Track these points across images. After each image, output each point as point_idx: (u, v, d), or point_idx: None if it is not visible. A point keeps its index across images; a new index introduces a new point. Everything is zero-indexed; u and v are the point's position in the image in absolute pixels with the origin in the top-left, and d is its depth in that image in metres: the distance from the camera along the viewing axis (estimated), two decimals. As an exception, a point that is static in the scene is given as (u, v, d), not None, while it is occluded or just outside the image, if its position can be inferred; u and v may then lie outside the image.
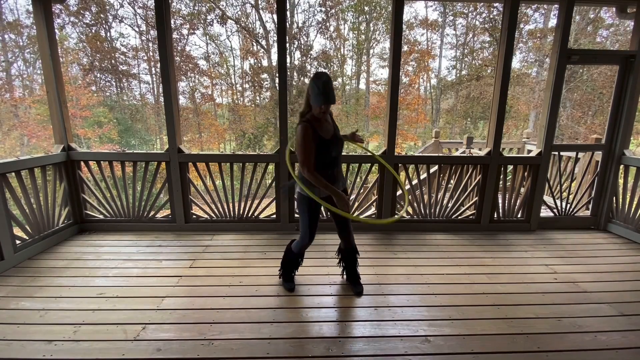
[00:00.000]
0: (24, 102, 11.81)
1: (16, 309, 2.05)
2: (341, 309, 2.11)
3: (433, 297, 2.26)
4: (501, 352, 1.74)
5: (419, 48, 14.95)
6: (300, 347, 1.76)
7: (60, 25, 12.16)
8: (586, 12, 12.19)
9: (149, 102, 14.40)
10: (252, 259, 2.81)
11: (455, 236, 3.38)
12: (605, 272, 2.67)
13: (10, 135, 11.39)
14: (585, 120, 13.00)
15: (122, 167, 3.39)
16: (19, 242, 2.70)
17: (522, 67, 14.21)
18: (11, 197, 2.62)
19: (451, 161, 3.58)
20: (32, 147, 11.60)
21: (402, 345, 1.78)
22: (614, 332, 1.92)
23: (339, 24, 14.48)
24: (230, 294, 2.25)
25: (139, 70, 13.82)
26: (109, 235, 3.27)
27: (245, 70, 14.47)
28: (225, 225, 3.45)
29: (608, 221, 3.60)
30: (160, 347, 1.73)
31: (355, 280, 2.33)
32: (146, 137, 13.95)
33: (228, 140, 14.92)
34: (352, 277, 2.34)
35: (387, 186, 3.37)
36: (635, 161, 3.32)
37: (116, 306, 2.09)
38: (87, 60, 12.96)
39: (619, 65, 3.32)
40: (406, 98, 14.37)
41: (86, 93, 12.26)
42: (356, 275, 2.34)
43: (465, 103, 14.73)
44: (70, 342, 1.76)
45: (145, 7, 12.92)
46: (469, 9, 14.26)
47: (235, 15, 13.73)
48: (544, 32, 13.34)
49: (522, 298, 2.26)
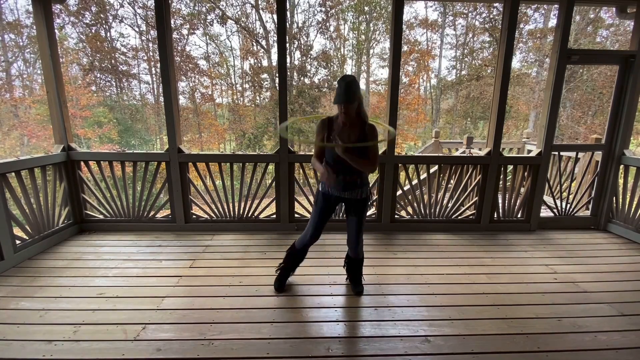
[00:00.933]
0: (24, 102, 11.80)
1: (16, 309, 2.05)
2: (341, 309, 2.11)
3: (433, 297, 2.26)
4: (501, 352, 1.74)
5: (419, 48, 14.95)
6: (300, 347, 1.76)
7: (60, 25, 12.15)
8: (586, 12, 12.19)
9: (149, 102, 14.39)
10: (252, 259, 2.81)
11: (455, 236, 3.38)
12: (605, 272, 2.67)
13: (10, 135, 11.38)
14: (585, 120, 13.00)
15: (122, 167, 3.39)
16: (19, 242, 2.70)
17: (522, 67, 14.21)
18: (11, 197, 2.62)
19: (451, 161, 3.58)
20: (32, 147, 11.60)
21: (402, 345, 1.78)
22: (614, 332, 1.92)
23: (339, 24, 14.48)
24: (230, 294, 2.25)
25: (139, 70, 13.82)
26: (109, 235, 3.27)
27: (245, 70, 14.46)
28: (225, 225, 3.45)
29: (608, 221, 3.60)
30: (160, 347, 1.73)
31: (356, 281, 2.32)
32: (146, 137, 13.96)
33: (228, 140, 14.92)
34: (355, 279, 2.33)
35: (387, 186, 3.37)
36: (635, 161, 3.32)
37: (116, 306, 2.09)
38: (87, 60, 12.95)
39: (619, 65, 3.32)
40: (406, 98, 14.37)
41: (86, 93, 12.25)
42: (359, 277, 2.33)
43: (465, 103, 14.73)
44: (70, 342, 1.76)
45: (145, 7, 12.92)
46: (468, 9, 14.25)
47: (235, 16, 13.73)
48: (544, 32, 13.34)
49: (522, 298, 2.26)
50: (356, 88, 1.87)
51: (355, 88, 1.86)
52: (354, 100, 1.86)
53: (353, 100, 1.86)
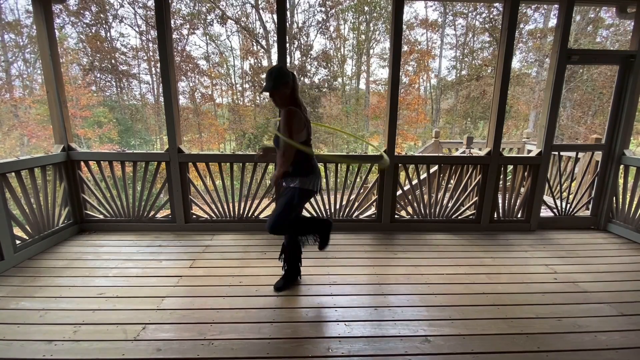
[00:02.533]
0: (24, 102, 11.80)
1: (16, 309, 2.05)
2: (341, 309, 2.11)
3: (433, 297, 2.26)
4: (501, 352, 1.74)
5: (419, 48, 14.94)
6: (300, 347, 1.76)
7: (60, 25, 12.16)
8: (586, 12, 12.19)
9: (149, 102, 14.39)
10: (252, 259, 2.80)
11: (455, 236, 3.38)
12: (605, 272, 2.67)
13: (10, 135, 11.38)
14: (585, 120, 12.99)
15: (122, 167, 3.39)
16: (19, 242, 2.70)
17: (522, 67, 14.21)
18: (11, 197, 2.62)
19: (451, 161, 3.58)
20: (32, 147, 11.60)
21: (402, 345, 1.78)
22: (614, 332, 1.92)
23: (339, 24, 14.48)
24: (230, 294, 2.25)
25: (139, 70, 13.82)
26: (109, 235, 3.27)
27: (245, 70, 14.47)
28: (225, 225, 3.45)
29: (608, 221, 3.60)
30: (160, 347, 1.73)
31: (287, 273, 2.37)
32: (146, 137, 13.96)
33: (228, 140, 14.92)
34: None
35: (387, 186, 3.37)
36: (635, 161, 3.32)
37: (116, 306, 2.09)
38: (87, 60, 12.95)
39: (619, 65, 3.32)
40: (406, 98, 14.38)
41: (86, 93, 12.26)
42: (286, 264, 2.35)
43: (465, 103, 14.73)
44: (70, 342, 1.76)
45: (145, 7, 12.92)
46: (468, 9, 14.26)
47: (235, 15, 13.73)
48: (544, 32, 13.34)
49: (522, 298, 2.26)
50: (274, 76, 1.96)
51: (272, 76, 1.97)
52: (267, 89, 1.99)
53: (267, 89, 1.99)
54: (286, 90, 2.00)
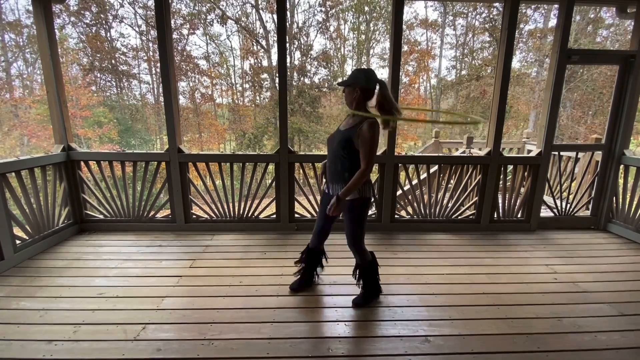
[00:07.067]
0: (24, 102, 11.79)
1: (16, 309, 2.05)
2: (341, 309, 2.11)
3: (433, 297, 2.26)
4: (501, 352, 1.74)
5: (419, 48, 14.94)
6: (300, 347, 1.76)
7: (60, 25, 12.14)
8: (586, 12, 12.18)
9: (149, 102, 14.38)
10: (252, 259, 2.80)
11: (455, 236, 3.38)
12: (605, 272, 2.67)
13: (10, 135, 11.38)
14: (585, 120, 12.99)
15: (122, 167, 3.39)
16: (19, 242, 2.70)
17: (522, 67, 14.20)
18: (11, 197, 2.62)
19: (451, 161, 3.58)
20: (32, 147, 11.59)
21: (402, 345, 1.78)
22: (614, 332, 1.92)
23: (339, 24, 14.48)
24: (230, 294, 2.25)
25: (139, 70, 13.81)
26: (109, 235, 3.27)
27: (245, 70, 14.45)
28: (225, 225, 3.45)
29: (608, 221, 3.60)
30: (160, 347, 1.73)
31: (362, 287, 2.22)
32: (146, 137, 13.94)
33: (228, 140, 14.91)
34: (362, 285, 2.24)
35: (387, 186, 3.37)
36: (635, 161, 3.32)
37: (116, 306, 2.09)
38: (87, 60, 12.95)
39: (619, 65, 3.32)
40: (406, 98, 14.38)
41: (86, 93, 12.25)
42: (364, 284, 2.21)
43: (465, 103, 14.72)
44: (70, 342, 1.76)
45: (145, 7, 12.91)
46: (468, 9, 14.24)
47: (235, 15, 13.72)
48: (544, 32, 13.33)
49: (522, 298, 2.26)
50: (355, 73, 1.86)
51: (354, 73, 1.86)
52: (343, 84, 1.90)
53: (342, 84, 1.90)
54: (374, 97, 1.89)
